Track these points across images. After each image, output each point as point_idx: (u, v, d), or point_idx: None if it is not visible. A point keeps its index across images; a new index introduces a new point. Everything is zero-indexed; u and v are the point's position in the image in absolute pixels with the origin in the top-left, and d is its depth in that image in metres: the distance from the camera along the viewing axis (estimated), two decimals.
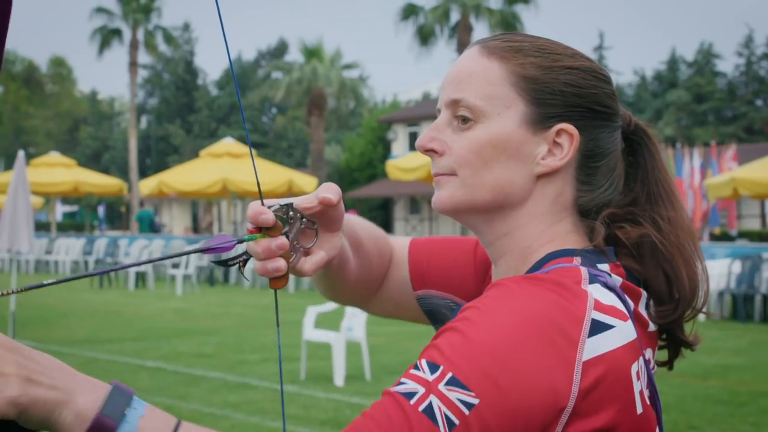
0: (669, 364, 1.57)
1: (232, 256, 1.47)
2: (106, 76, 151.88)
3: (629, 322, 1.35)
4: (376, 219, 47.19)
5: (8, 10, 1.26)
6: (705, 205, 26.02)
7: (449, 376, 1.25)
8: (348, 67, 48.03)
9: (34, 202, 25.74)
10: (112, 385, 1.20)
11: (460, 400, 1.24)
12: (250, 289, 23.48)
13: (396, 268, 1.85)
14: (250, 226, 1.45)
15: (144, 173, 60.58)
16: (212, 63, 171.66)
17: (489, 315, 1.30)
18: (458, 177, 1.51)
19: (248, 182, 28.00)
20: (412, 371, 1.28)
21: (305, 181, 29.82)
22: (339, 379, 10.25)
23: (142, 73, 72.20)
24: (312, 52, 45.80)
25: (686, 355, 1.59)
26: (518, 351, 1.26)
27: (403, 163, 26.66)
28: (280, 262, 1.45)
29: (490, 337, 1.27)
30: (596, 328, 1.30)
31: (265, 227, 1.45)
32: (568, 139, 1.48)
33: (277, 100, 51.20)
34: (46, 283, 1.33)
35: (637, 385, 1.33)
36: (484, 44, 1.54)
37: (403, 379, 1.28)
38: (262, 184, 25.23)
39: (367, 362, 10.66)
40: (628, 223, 1.50)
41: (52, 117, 77.08)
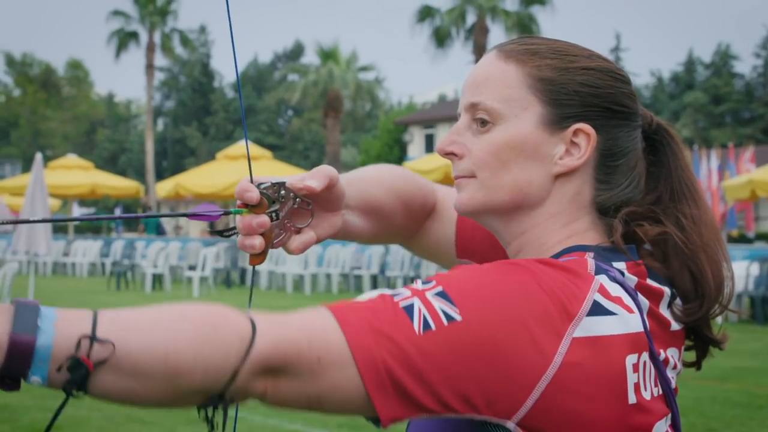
0: (697, 365, 1.57)
1: (230, 227, 1.55)
2: (122, 79, 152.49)
3: (635, 316, 1.36)
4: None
5: None
6: (723, 207, 25.92)
7: (439, 289, 1.30)
8: (364, 69, 48.07)
9: (51, 204, 25.82)
10: (13, 303, 1.17)
11: (443, 311, 1.27)
12: (266, 290, 23.49)
13: (441, 223, 1.86)
14: (239, 201, 1.50)
15: (160, 175, 60.73)
16: (228, 65, 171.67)
17: (496, 267, 1.35)
18: (477, 179, 1.53)
19: None
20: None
21: None
22: None
23: (159, 76, 72.46)
24: (328, 55, 45.85)
25: (713, 354, 1.58)
26: (513, 300, 1.29)
27: (419, 165, 26.65)
28: (256, 240, 1.50)
29: (490, 280, 1.32)
30: (597, 309, 1.32)
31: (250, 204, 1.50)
32: (585, 139, 1.49)
33: (293, 103, 51.28)
34: (32, 220, 1.37)
35: (633, 377, 1.33)
36: (502, 48, 1.56)
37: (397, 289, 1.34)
38: None
39: None
40: (648, 221, 1.50)
41: (69, 120, 77.50)
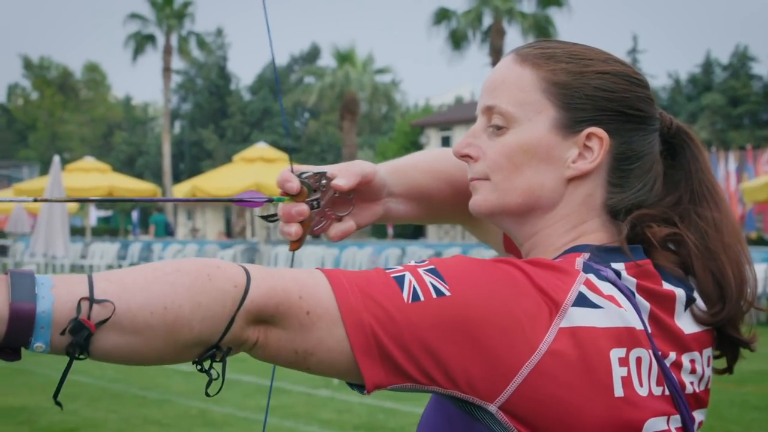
0: (729, 369, 1.57)
1: (272, 212, 1.62)
2: (140, 82, 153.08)
3: (627, 313, 1.38)
4: (408, 224, 47.11)
5: None
6: (741, 209, 25.83)
7: (432, 267, 1.36)
8: (380, 71, 48.07)
9: (69, 206, 25.88)
10: (8, 274, 1.19)
11: (433, 285, 1.32)
12: None
13: None
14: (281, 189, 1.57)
15: (177, 178, 60.81)
16: (245, 68, 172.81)
17: (487, 261, 1.40)
18: (491, 181, 1.55)
19: None
20: None
21: None
22: None
23: (176, 79, 72.58)
24: (344, 57, 45.84)
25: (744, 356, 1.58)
26: (502, 288, 1.33)
27: None
28: (293, 228, 1.57)
29: (481, 268, 1.36)
30: (582, 301, 1.35)
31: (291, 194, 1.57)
32: (598, 143, 1.51)
33: (309, 105, 51.35)
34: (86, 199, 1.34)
35: (620, 371, 1.34)
36: (519, 52, 1.58)
37: None
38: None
39: None
40: (659, 223, 1.51)
41: (86, 122, 77.81)
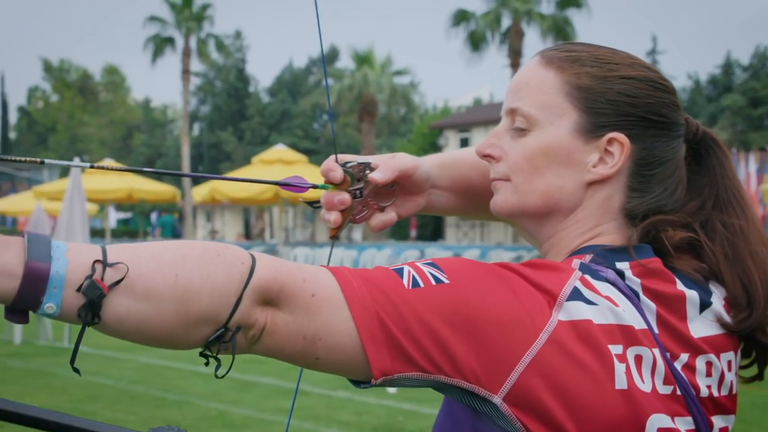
0: (760, 375, 1.56)
1: (317, 200, 1.66)
2: (159, 84, 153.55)
3: (625, 312, 1.38)
4: (427, 225, 47.14)
5: None
6: (762, 210, 25.68)
7: (430, 261, 1.39)
8: (399, 73, 48.08)
9: (88, 209, 25.94)
10: (25, 235, 1.21)
11: (432, 274, 1.35)
12: None
13: None
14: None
15: (196, 180, 61.02)
16: (264, 70, 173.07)
17: (483, 262, 1.42)
18: (512, 182, 1.56)
19: None
20: None
21: None
22: None
23: (195, 81, 72.73)
24: (363, 59, 45.86)
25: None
26: (500, 281, 1.35)
27: None
28: (333, 216, 1.63)
29: (478, 265, 1.39)
30: (576, 295, 1.36)
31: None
32: (619, 148, 1.51)
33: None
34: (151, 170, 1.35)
35: (620, 366, 1.34)
36: (544, 54, 1.58)
37: None
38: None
39: None
40: (674, 227, 1.50)
41: (106, 125, 78.17)
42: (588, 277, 1.40)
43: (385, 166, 1.65)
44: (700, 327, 1.44)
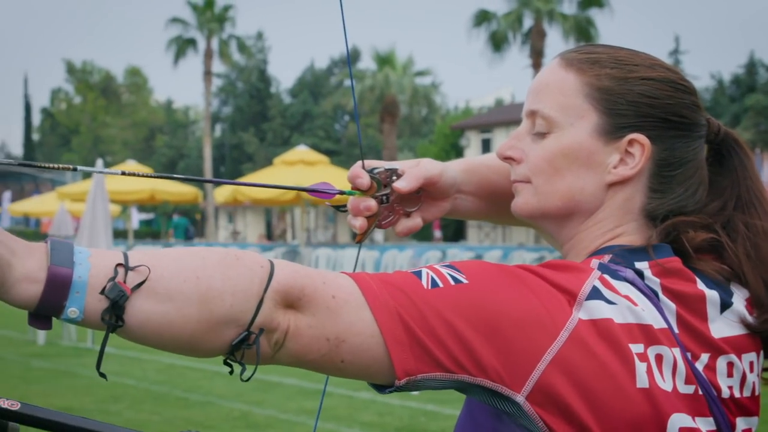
0: None
1: (344, 205, 1.68)
2: (181, 86, 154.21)
3: (645, 311, 1.38)
4: (449, 226, 47.10)
5: None
6: None
7: (448, 263, 1.40)
8: (420, 74, 48.05)
9: (111, 210, 26.04)
10: (48, 241, 1.23)
11: (450, 275, 1.36)
12: None
13: None
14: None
15: None
16: (285, 71, 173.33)
17: (501, 264, 1.42)
18: (532, 184, 1.57)
19: None
20: None
21: None
22: None
23: (217, 82, 72.89)
24: (384, 60, 45.84)
25: None
26: (520, 281, 1.36)
27: None
28: (359, 222, 1.63)
29: (497, 267, 1.39)
30: (595, 294, 1.36)
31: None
32: (639, 149, 1.51)
33: (349, 108, 51.44)
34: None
35: (641, 366, 1.34)
36: (564, 56, 1.59)
37: None
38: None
39: None
40: (695, 229, 1.50)
41: (128, 126, 78.55)
42: (607, 276, 1.40)
43: (409, 174, 1.65)
44: (721, 327, 1.43)
